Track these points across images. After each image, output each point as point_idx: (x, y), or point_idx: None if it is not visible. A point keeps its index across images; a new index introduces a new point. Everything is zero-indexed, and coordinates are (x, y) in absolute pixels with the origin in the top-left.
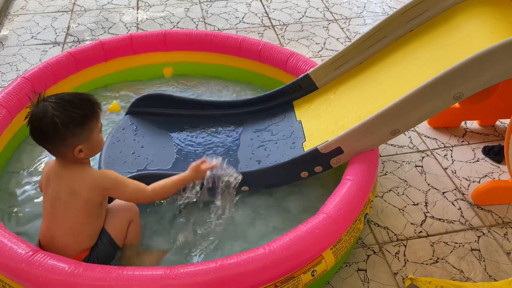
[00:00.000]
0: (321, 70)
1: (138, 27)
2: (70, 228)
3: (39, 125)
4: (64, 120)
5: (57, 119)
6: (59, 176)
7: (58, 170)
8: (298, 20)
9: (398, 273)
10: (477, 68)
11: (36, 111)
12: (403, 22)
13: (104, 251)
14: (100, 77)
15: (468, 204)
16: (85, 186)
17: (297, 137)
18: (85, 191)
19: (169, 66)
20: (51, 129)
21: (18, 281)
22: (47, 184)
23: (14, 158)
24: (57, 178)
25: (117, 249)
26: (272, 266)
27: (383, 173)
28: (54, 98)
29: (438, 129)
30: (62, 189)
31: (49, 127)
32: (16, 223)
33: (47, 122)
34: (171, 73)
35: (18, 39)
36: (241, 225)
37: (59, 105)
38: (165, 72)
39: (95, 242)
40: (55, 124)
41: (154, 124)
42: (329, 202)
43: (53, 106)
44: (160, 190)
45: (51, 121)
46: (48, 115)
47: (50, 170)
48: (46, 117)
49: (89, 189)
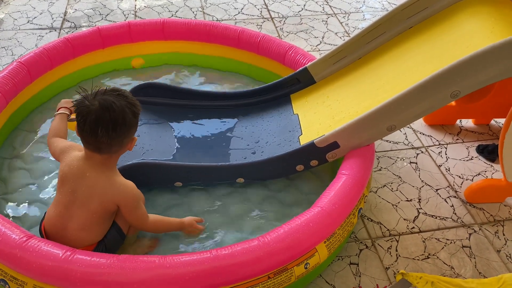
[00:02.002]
0: (319, 64)
1: (136, 15)
2: (83, 225)
3: (106, 115)
4: (131, 110)
5: (127, 108)
6: (83, 175)
7: (84, 168)
8: (297, 13)
9: (390, 268)
10: (475, 67)
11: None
12: (402, 18)
13: (112, 241)
14: (97, 64)
15: (460, 202)
16: (104, 195)
17: (294, 131)
18: (104, 200)
19: (139, 58)
20: (120, 118)
21: (11, 267)
22: (68, 176)
23: (8, 144)
24: (80, 175)
25: (124, 237)
26: (265, 257)
27: (378, 169)
28: (110, 91)
29: (434, 126)
30: (82, 189)
31: (119, 116)
32: (9, 209)
33: (118, 111)
34: (140, 64)
35: (14, 23)
36: (236, 216)
37: (120, 97)
38: (134, 63)
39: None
40: (125, 113)
41: (151, 114)
42: (324, 196)
43: (116, 98)
44: (157, 225)
45: (121, 110)
46: (117, 104)
47: (75, 161)
48: (115, 106)
49: (107, 199)
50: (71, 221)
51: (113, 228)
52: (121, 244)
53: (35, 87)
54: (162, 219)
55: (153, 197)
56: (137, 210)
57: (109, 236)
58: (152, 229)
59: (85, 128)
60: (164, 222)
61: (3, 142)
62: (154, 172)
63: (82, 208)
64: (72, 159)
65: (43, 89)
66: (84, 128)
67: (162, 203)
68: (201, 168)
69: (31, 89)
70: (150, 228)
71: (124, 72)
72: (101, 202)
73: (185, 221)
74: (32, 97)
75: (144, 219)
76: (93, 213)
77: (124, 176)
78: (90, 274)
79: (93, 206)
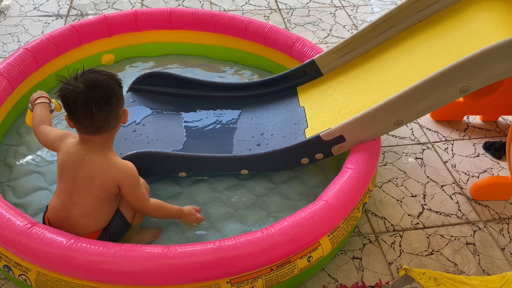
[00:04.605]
0: (327, 56)
1: (142, 4)
2: (87, 211)
3: (95, 91)
4: (115, 81)
5: (111, 80)
6: (82, 160)
7: (82, 153)
8: (305, 5)
9: (393, 263)
10: (485, 63)
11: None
12: (412, 12)
13: (116, 229)
14: (102, 52)
15: (466, 199)
16: (104, 176)
17: (299, 123)
18: (104, 181)
19: (110, 53)
20: (109, 91)
21: (15, 253)
22: (67, 163)
23: (13, 131)
24: (79, 161)
25: (128, 226)
26: (269, 249)
27: (383, 164)
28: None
29: (440, 122)
30: (83, 173)
31: (107, 89)
32: (14, 196)
33: (105, 85)
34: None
35: (20, 9)
36: (240, 208)
37: (99, 73)
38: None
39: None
40: (111, 85)
41: (156, 103)
42: (328, 189)
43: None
44: (158, 208)
45: (107, 83)
46: (100, 79)
47: (72, 148)
48: (100, 81)
49: (108, 180)
50: (74, 208)
51: (116, 216)
52: (125, 233)
53: (41, 74)
54: (162, 204)
55: (157, 186)
56: (137, 191)
57: (113, 224)
58: (153, 213)
59: (78, 111)
60: (164, 207)
61: (9, 129)
62: (158, 162)
63: (84, 193)
64: (69, 146)
65: (49, 76)
66: (77, 112)
67: (166, 193)
68: (205, 159)
69: (37, 76)
70: (150, 211)
71: (129, 60)
72: (102, 183)
73: (185, 209)
74: (38, 83)
75: (144, 200)
76: (95, 197)
77: None
78: (94, 262)
79: (94, 189)
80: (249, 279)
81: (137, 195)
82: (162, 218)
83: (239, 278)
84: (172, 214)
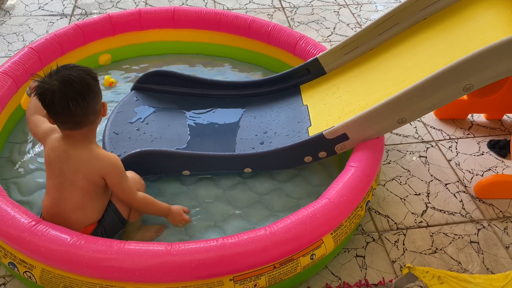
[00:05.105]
0: (330, 54)
1: (146, 3)
2: (76, 204)
3: (70, 88)
4: (90, 75)
5: (85, 75)
6: (66, 154)
7: (66, 147)
8: (309, 3)
9: (396, 261)
10: (489, 60)
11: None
12: (416, 10)
13: (111, 224)
14: (106, 51)
15: (470, 197)
16: (88, 168)
17: (303, 121)
18: (88, 173)
19: (107, 53)
20: (85, 86)
21: (20, 250)
22: (52, 159)
23: (19, 129)
24: (64, 156)
25: (124, 222)
26: (272, 247)
27: (387, 162)
28: (61, 68)
29: (444, 120)
30: (68, 168)
31: (82, 85)
32: (19, 193)
33: (79, 81)
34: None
35: (25, 9)
36: (242, 206)
37: (74, 69)
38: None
39: (102, 215)
40: (86, 80)
41: (159, 101)
42: (332, 187)
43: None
44: (145, 202)
45: (81, 78)
46: (74, 75)
47: (56, 143)
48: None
49: (91, 172)
50: (64, 203)
51: (110, 210)
52: (121, 228)
53: None
54: (150, 199)
55: (160, 185)
56: (123, 183)
57: (107, 218)
58: (140, 206)
59: (56, 109)
60: (152, 202)
61: (14, 127)
62: (162, 160)
63: (71, 187)
64: (53, 141)
65: None
66: (55, 110)
67: (169, 191)
68: (208, 157)
69: None
70: (137, 204)
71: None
72: (86, 176)
73: (173, 208)
74: None
75: (131, 193)
76: (82, 190)
77: (132, 164)
78: (97, 260)
79: (80, 183)
80: (252, 276)
81: (123, 187)
82: (150, 214)
83: (242, 276)
84: (160, 210)
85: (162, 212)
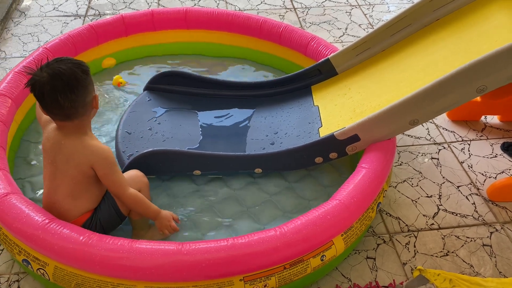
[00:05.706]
0: (342, 55)
1: (159, 3)
2: (67, 193)
3: (59, 81)
4: (80, 68)
5: (75, 68)
6: (59, 144)
7: (59, 137)
8: (321, 3)
9: (407, 264)
10: (503, 62)
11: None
12: (429, 10)
13: (107, 215)
14: (119, 51)
15: (482, 200)
16: (78, 158)
17: (313, 122)
18: (78, 163)
19: (111, 58)
20: (73, 80)
21: (34, 248)
22: (47, 147)
23: (33, 128)
24: (57, 145)
25: (122, 217)
26: (282, 248)
27: (398, 164)
28: (53, 61)
29: (457, 122)
30: (60, 157)
31: (71, 78)
32: (33, 192)
33: (68, 74)
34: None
35: (40, 10)
36: (253, 206)
37: (64, 62)
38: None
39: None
40: (75, 73)
41: (171, 102)
42: (342, 189)
43: (61, 63)
44: (135, 199)
45: (71, 71)
46: (64, 68)
47: (51, 133)
48: (63, 70)
49: (81, 162)
50: (57, 192)
51: (107, 200)
52: (118, 223)
53: None
54: (141, 198)
55: (172, 184)
56: (112, 175)
57: (103, 207)
58: (129, 202)
59: (46, 101)
60: (142, 201)
61: (29, 126)
62: (173, 160)
63: (62, 176)
64: (50, 131)
65: None
66: (46, 102)
67: (180, 191)
68: (219, 157)
69: None
70: (126, 199)
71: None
72: (76, 165)
73: (163, 213)
74: None
75: (120, 186)
76: (72, 179)
77: (144, 163)
78: (109, 258)
79: (70, 171)
80: (262, 277)
81: (112, 179)
82: (138, 212)
83: (252, 276)
84: (148, 211)
85: (150, 213)
